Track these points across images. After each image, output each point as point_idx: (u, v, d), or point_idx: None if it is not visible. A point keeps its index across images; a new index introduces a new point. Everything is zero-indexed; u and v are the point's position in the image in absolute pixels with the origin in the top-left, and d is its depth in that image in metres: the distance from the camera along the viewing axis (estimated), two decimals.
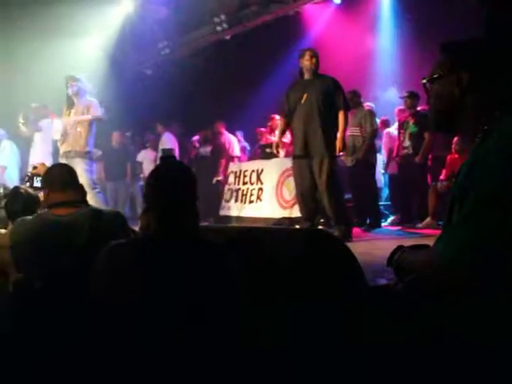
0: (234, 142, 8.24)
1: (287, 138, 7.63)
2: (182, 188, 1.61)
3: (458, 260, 1.06)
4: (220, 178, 7.92)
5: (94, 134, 5.77)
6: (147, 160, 8.55)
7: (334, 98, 4.69)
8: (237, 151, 8.24)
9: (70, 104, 5.79)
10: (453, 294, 1.07)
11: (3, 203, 2.61)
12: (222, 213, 7.54)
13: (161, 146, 8.11)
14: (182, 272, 1.53)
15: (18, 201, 2.56)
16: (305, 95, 4.74)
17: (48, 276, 2.02)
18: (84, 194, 2.37)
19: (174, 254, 1.56)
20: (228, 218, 7.35)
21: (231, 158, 8.01)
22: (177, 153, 7.97)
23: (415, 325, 1.09)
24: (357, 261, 1.61)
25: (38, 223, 2.17)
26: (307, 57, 4.78)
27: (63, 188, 2.25)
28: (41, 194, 2.50)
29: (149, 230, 1.61)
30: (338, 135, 4.68)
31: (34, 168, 3.11)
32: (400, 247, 1.31)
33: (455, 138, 5.54)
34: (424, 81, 1.34)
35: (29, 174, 3.00)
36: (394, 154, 6.40)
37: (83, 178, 4.93)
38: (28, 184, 2.91)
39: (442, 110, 1.30)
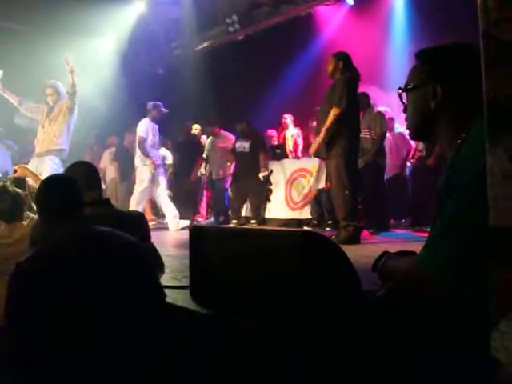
0: None
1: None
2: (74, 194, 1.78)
3: (436, 274, 1.06)
4: (266, 174, 7.10)
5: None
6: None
7: (333, 97, 4.52)
8: None
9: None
10: (426, 305, 1.06)
11: None
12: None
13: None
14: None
15: (5, 199, 2.50)
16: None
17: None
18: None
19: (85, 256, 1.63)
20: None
21: None
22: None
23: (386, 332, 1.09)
24: (350, 263, 1.58)
25: None
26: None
27: (87, 187, 2.15)
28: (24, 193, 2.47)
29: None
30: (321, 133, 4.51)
31: (15, 171, 3.01)
32: (385, 253, 1.30)
33: None
34: (399, 91, 1.33)
35: (10, 178, 2.86)
36: (410, 155, 6.49)
37: None
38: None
39: (420, 121, 1.29)
